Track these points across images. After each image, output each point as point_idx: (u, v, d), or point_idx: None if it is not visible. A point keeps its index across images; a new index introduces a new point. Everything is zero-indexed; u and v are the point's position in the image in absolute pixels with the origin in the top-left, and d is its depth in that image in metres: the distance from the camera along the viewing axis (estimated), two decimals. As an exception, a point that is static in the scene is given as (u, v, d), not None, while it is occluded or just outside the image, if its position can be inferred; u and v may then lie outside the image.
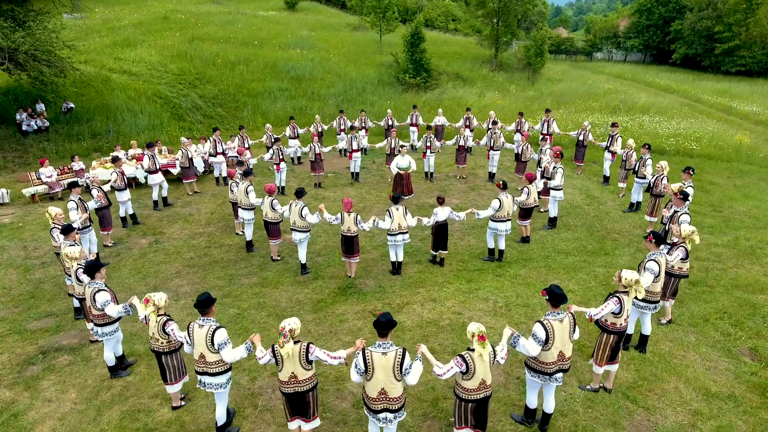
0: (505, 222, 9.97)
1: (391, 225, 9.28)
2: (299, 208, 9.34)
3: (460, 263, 10.16)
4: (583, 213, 12.84)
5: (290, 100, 23.33)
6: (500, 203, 9.77)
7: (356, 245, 9.26)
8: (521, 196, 10.72)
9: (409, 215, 9.41)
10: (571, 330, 5.57)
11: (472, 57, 33.51)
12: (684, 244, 7.77)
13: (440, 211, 9.59)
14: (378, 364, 4.92)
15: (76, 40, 27.47)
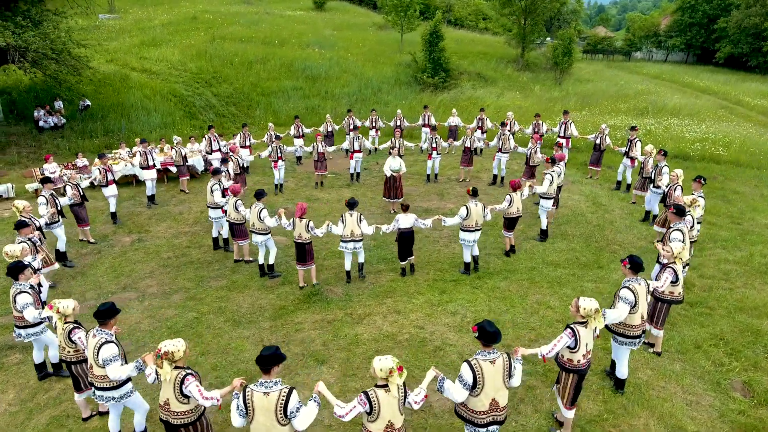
0: (472, 232, 9.24)
1: (343, 231, 8.82)
2: (258, 210, 9.02)
3: (437, 272, 9.56)
4: (584, 221, 11.96)
5: (303, 99, 23.13)
6: (467, 211, 9.09)
7: (309, 252, 8.82)
8: (502, 204, 9.99)
9: (364, 222, 8.91)
10: (505, 374, 4.73)
11: (498, 56, 32.51)
12: (673, 264, 6.94)
13: (403, 218, 9.05)
14: (259, 405, 4.24)
15: (108, 40, 28.33)
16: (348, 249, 8.94)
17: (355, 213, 8.82)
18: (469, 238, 9.26)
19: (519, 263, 9.92)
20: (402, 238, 9.18)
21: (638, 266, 6.12)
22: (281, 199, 13.63)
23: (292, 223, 8.71)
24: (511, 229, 10.25)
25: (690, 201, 8.71)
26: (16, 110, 18.76)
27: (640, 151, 13.22)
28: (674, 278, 6.89)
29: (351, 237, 8.83)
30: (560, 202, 12.99)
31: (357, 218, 8.81)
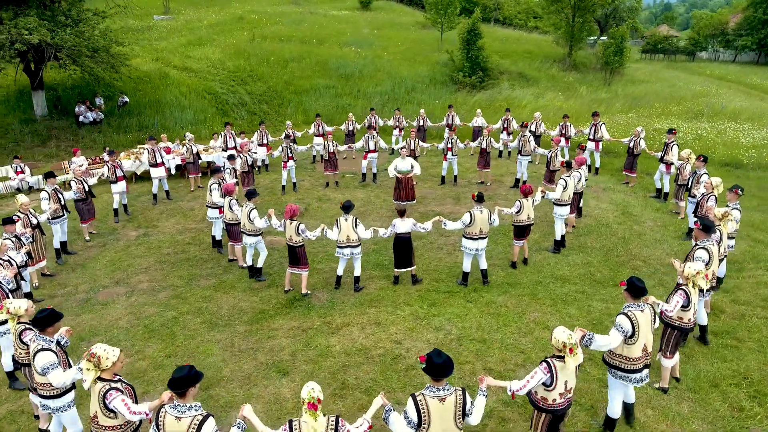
0: (476, 240, 8.50)
1: (339, 236, 8.28)
2: (248, 210, 8.66)
3: (433, 282, 8.88)
4: (608, 233, 10.88)
5: (335, 97, 22.88)
6: (471, 218, 8.37)
7: (301, 256, 8.33)
8: (511, 209, 9.18)
9: (361, 227, 8.33)
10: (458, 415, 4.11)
11: (544, 55, 31.04)
12: (685, 286, 6.00)
13: (400, 223, 8.44)
14: (169, 430, 3.85)
15: (159, 40, 29.30)
16: (344, 255, 8.43)
17: (350, 217, 8.28)
18: (471, 246, 8.55)
19: (523, 276, 9.07)
20: (398, 244, 8.57)
21: (638, 291, 5.26)
22: (292, 199, 13.31)
23: (282, 225, 8.30)
24: (520, 238, 9.43)
25: (722, 214, 7.59)
26: (60, 105, 19.56)
27: (677, 155, 11.93)
28: (685, 302, 5.95)
29: (347, 242, 8.30)
30: (585, 210, 11.96)
31: (353, 222, 8.26)
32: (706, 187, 9.10)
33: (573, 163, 10.69)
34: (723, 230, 7.47)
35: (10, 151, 17.21)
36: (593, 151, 14.75)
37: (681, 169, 11.16)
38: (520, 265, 9.47)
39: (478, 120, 16.34)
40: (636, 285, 5.28)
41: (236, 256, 9.73)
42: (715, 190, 8.98)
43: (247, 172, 12.52)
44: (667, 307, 5.90)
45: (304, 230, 8.12)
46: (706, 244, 6.80)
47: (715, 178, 9.20)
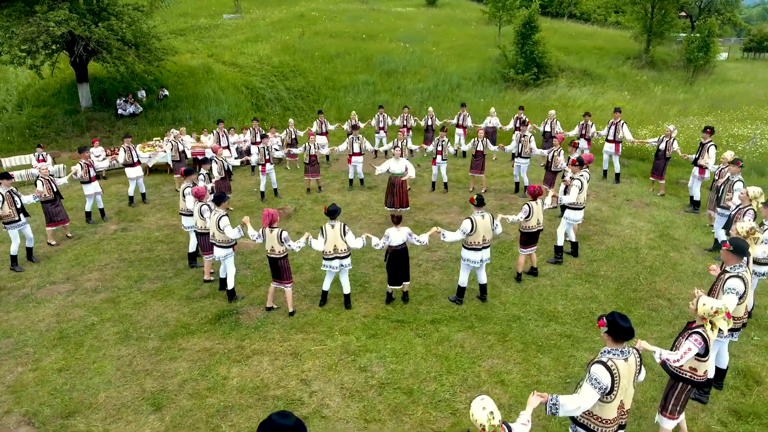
0: (479, 250, 7.12)
1: (325, 246, 7.03)
2: (217, 217, 7.40)
3: (387, 307, 7.39)
4: (633, 259, 8.73)
5: (373, 94, 21.69)
6: (473, 225, 6.93)
7: (285, 269, 7.08)
8: (517, 215, 7.63)
9: (350, 234, 7.07)
10: None
11: (617, 52, 27.85)
12: (701, 329, 4.27)
13: (394, 233, 7.11)
14: None
15: (222, 37, 29.84)
16: (332, 268, 7.13)
17: (337, 223, 7.04)
18: (474, 258, 7.15)
19: (500, 308, 7.31)
20: (394, 258, 7.23)
21: (622, 332, 3.72)
22: (277, 205, 12.29)
23: (261, 235, 7.06)
24: (529, 246, 7.90)
25: (746, 231, 5.59)
26: (105, 98, 20.10)
27: (714, 158, 9.55)
28: (702, 350, 4.26)
29: (334, 253, 7.05)
30: (613, 230, 9.86)
31: (340, 229, 7.02)
32: (741, 198, 6.93)
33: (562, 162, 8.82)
34: (751, 251, 5.54)
35: (51, 140, 17.84)
36: (612, 154, 12.45)
37: (718, 174, 8.87)
38: (500, 294, 7.71)
39: (491, 120, 14.42)
40: (619, 325, 3.71)
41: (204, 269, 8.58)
42: (753, 203, 6.86)
43: (223, 178, 11.07)
44: (671, 356, 4.36)
45: (287, 239, 6.96)
46: (740, 271, 5.07)
47: (753, 188, 7.04)
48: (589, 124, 12.71)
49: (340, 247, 7.04)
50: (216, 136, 13.71)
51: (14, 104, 19.25)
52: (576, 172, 8.43)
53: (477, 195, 7.09)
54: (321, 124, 14.86)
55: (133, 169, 11.88)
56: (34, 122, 18.36)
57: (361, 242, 7.13)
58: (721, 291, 5.13)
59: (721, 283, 5.16)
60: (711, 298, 4.43)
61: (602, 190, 12.20)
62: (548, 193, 8.20)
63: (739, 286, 5.00)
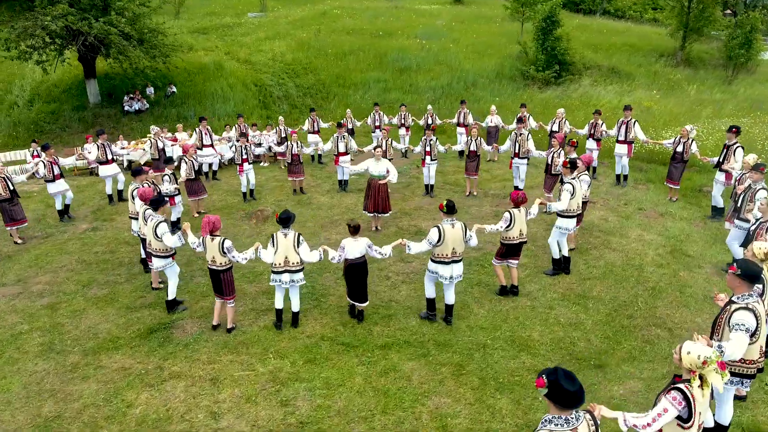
0: (448, 264, 6.19)
1: (274, 257, 6.17)
2: (154, 224, 6.72)
3: (336, 327, 6.51)
4: (634, 279, 7.56)
5: (383, 92, 20.78)
6: (440, 234, 6.02)
7: (227, 283, 6.26)
8: (498, 224, 6.65)
9: (304, 246, 6.18)
10: None
11: (650, 49, 26.01)
12: (686, 385, 3.30)
13: (350, 245, 6.25)
14: None
15: (244, 35, 29.62)
16: (281, 283, 6.23)
17: (290, 232, 6.17)
18: (443, 273, 6.25)
19: (465, 332, 6.31)
20: (350, 273, 6.36)
21: (565, 397, 2.75)
22: (256, 207, 11.56)
23: (201, 243, 6.28)
24: (510, 257, 6.91)
25: (764, 254, 4.45)
26: (114, 94, 19.98)
27: (741, 162, 8.25)
28: (685, 413, 3.34)
29: (285, 266, 6.16)
30: (617, 244, 8.68)
31: (294, 240, 6.13)
32: (761, 209, 5.74)
33: (579, 162, 7.67)
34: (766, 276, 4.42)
35: (56, 136, 17.78)
36: (623, 155, 11.18)
37: (740, 180, 7.60)
38: (470, 315, 6.70)
39: (493, 119, 13.28)
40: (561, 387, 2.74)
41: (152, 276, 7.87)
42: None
43: (194, 180, 10.38)
44: (639, 421, 3.38)
45: (231, 249, 6.14)
46: (750, 302, 3.99)
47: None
48: (599, 123, 11.48)
49: (292, 260, 6.17)
50: (198, 135, 13.10)
51: (26, 100, 19.35)
52: (567, 175, 7.33)
53: (447, 201, 6.14)
54: (313, 123, 14.09)
55: (107, 166, 11.37)
56: (41, 118, 18.37)
57: (317, 255, 6.23)
58: (726, 326, 4.04)
59: (726, 315, 4.06)
60: (698, 344, 3.39)
61: (612, 197, 10.94)
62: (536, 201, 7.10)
63: (749, 321, 3.90)
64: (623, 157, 11.22)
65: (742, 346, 3.81)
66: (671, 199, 10.60)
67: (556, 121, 12.17)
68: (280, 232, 6.19)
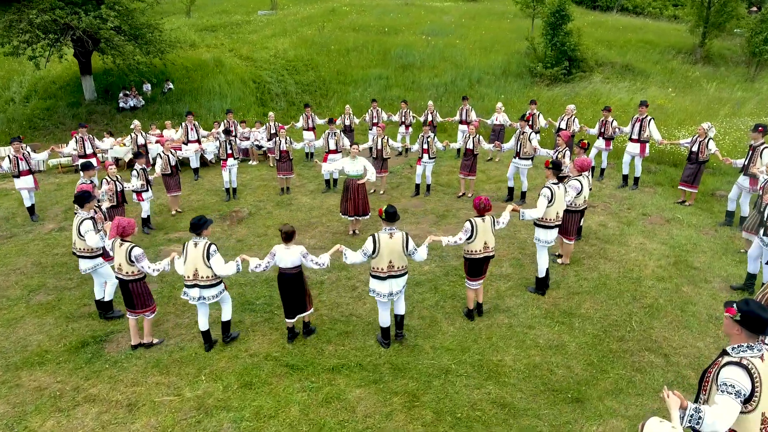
0: (384, 280, 5.39)
1: (184, 269, 5.45)
2: (78, 221, 6.15)
3: (283, 347, 5.78)
4: (630, 294, 6.68)
5: (385, 89, 20.04)
6: (375, 245, 5.29)
7: (136, 295, 5.58)
8: (457, 235, 5.83)
9: (217, 257, 5.35)
10: None
11: (667, 46, 24.74)
12: None
13: (282, 252, 5.50)
14: None
15: (252, 33, 29.18)
16: (191, 299, 5.49)
17: (202, 242, 5.35)
18: (382, 290, 5.44)
19: (428, 354, 5.53)
20: (282, 284, 5.62)
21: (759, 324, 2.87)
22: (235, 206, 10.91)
23: (112, 248, 5.59)
24: (476, 277, 5.99)
25: None
26: (111, 91, 19.62)
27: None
28: None
29: (194, 279, 5.42)
30: (615, 253, 7.80)
31: (204, 251, 5.34)
32: None
33: (568, 166, 6.82)
34: None
35: (49, 132, 17.48)
36: (636, 156, 10.24)
37: (765, 189, 6.62)
38: (437, 333, 5.92)
39: (498, 117, 12.41)
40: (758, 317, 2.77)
41: None
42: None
43: (170, 175, 9.81)
44: None
45: (140, 257, 5.41)
46: (748, 357, 2.98)
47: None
48: (609, 120, 10.53)
49: (202, 273, 5.36)
50: (184, 129, 12.53)
51: (22, 96, 19.10)
52: (549, 178, 6.47)
53: (387, 206, 5.37)
54: (308, 119, 13.41)
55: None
56: (36, 114, 18.08)
57: (233, 267, 5.40)
58: (714, 385, 3.02)
59: (715, 370, 3.03)
60: (664, 424, 2.59)
61: (615, 200, 10.02)
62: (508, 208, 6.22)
63: (742, 382, 2.87)
64: (635, 157, 10.28)
65: (728, 414, 2.82)
66: (684, 202, 9.65)
67: (564, 118, 11.28)
68: (191, 241, 5.40)
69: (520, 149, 9.55)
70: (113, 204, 8.25)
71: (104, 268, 6.30)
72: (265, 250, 8.50)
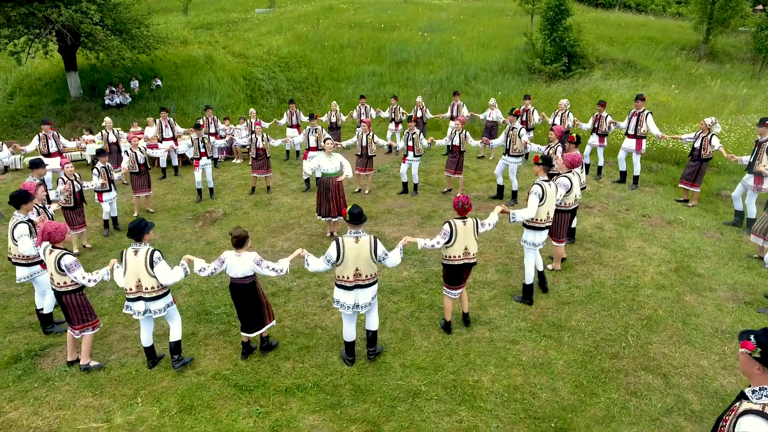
0: (350, 290, 4.79)
1: (124, 281, 4.79)
2: (12, 224, 5.53)
3: (236, 365, 5.16)
4: (626, 304, 6.02)
5: (379, 86, 19.41)
6: (339, 250, 4.68)
7: (72, 308, 4.90)
8: (434, 239, 5.19)
9: (161, 265, 4.69)
10: None
11: (670, 42, 24.02)
12: None
13: (233, 260, 4.85)
14: None
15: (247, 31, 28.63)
16: (136, 312, 4.80)
17: (142, 249, 4.68)
18: (345, 301, 4.82)
19: (397, 372, 4.90)
20: (235, 294, 4.97)
21: None
22: (201, 209, 10.31)
23: (43, 254, 4.89)
24: (456, 285, 5.37)
25: None
26: (98, 88, 19.06)
27: None
28: None
29: (137, 291, 4.74)
30: (612, 259, 7.15)
31: (146, 258, 4.65)
32: None
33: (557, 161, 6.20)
34: None
35: (32, 129, 16.90)
36: (632, 152, 9.62)
37: None
38: (409, 349, 5.28)
39: (492, 113, 11.76)
40: None
41: None
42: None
43: (138, 174, 9.23)
44: None
45: (72, 267, 4.71)
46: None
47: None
48: (603, 115, 9.88)
49: (146, 284, 4.69)
50: (158, 127, 11.92)
51: (7, 93, 18.57)
52: (539, 175, 5.82)
53: (352, 207, 4.74)
54: (291, 116, 12.80)
55: (50, 160, 10.20)
56: (19, 111, 17.55)
57: (179, 273, 4.78)
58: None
59: (732, 418, 2.38)
60: None
61: (613, 200, 9.36)
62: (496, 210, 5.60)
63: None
64: (633, 153, 9.64)
65: None
66: (687, 201, 9.00)
67: (558, 113, 10.64)
68: (130, 249, 4.72)
69: (509, 146, 8.91)
70: (70, 205, 7.65)
71: (43, 277, 5.70)
72: (234, 253, 7.90)
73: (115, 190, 8.71)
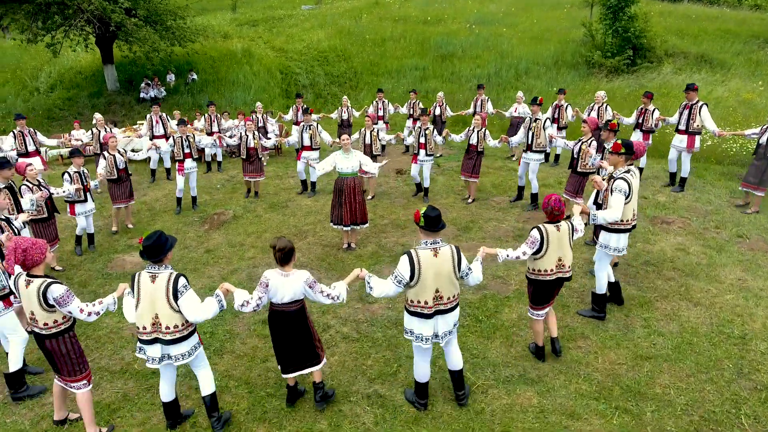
0: (429, 318, 3.66)
1: (136, 315, 3.50)
2: None
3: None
4: (735, 364, 4.33)
5: (420, 81, 17.96)
6: (414, 267, 3.49)
7: (60, 356, 3.60)
8: (519, 249, 4.10)
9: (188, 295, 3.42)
10: None
11: (751, 35, 21.23)
12: None
13: (277, 280, 3.60)
14: None
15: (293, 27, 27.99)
16: (151, 359, 3.55)
17: (164, 273, 3.42)
18: (419, 330, 3.76)
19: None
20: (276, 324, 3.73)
21: None
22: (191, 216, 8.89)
23: (14, 284, 3.58)
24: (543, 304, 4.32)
25: None
26: (135, 81, 18.66)
27: None
28: None
29: (153, 331, 3.46)
30: (702, 293, 5.43)
31: (168, 286, 3.39)
32: None
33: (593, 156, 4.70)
34: None
35: (68, 122, 16.62)
36: (681, 150, 8.02)
37: None
38: (418, 423, 3.83)
39: (519, 108, 10.10)
40: None
41: None
42: None
43: (117, 179, 7.63)
44: None
45: (65, 298, 3.40)
46: None
47: None
48: (649, 109, 8.15)
49: (166, 322, 3.43)
50: (148, 122, 10.86)
51: (48, 86, 18.45)
52: (619, 166, 4.33)
53: (428, 208, 3.51)
54: (297, 111, 11.51)
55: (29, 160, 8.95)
56: (57, 104, 17.33)
57: (214, 306, 3.52)
58: None
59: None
60: None
61: (696, 214, 7.52)
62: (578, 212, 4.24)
63: None
64: (682, 152, 7.88)
65: None
66: (745, 206, 7.24)
67: (594, 107, 8.92)
68: (145, 272, 3.44)
69: (532, 140, 7.33)
70: (42, 216, 6.22)
71: (5, 318, 4.20)
72: (234, 264, 6.71)
73: (92, 201, 7.19)
